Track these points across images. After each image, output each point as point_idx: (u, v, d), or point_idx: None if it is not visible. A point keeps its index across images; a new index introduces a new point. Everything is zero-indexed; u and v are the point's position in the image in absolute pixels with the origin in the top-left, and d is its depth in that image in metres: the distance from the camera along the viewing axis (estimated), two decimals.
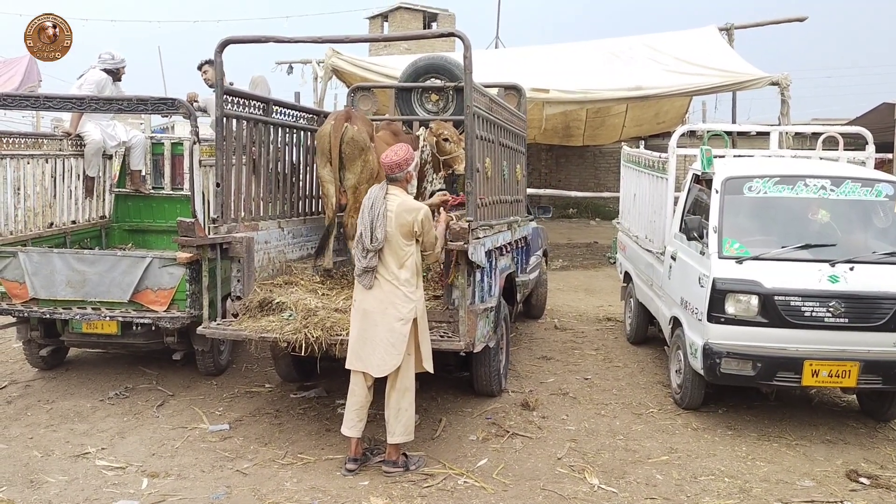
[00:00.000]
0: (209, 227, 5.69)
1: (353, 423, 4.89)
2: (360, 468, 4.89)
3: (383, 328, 4.70)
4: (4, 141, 6.65)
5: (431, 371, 4.94)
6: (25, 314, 6.25)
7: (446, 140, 6.49)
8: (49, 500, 4.47)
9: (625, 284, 9.03)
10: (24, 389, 6.50)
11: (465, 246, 4.93)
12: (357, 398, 4.89)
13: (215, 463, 5.03)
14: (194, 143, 6.02)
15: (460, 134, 6.90)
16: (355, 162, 6.01)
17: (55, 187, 7.26)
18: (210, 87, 7.93)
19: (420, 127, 7.23)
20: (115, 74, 7.71)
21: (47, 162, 7.14)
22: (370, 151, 6.04)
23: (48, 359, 6.89)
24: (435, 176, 6.77)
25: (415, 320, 4.76)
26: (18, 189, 6.75)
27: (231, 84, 5.73)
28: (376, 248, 4.70)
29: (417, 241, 4.80)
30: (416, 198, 7.02)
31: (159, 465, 4.98)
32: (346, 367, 4.90)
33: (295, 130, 6.84)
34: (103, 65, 7.73)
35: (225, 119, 5.59)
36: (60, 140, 7.47)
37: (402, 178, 4.88)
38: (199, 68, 8.23)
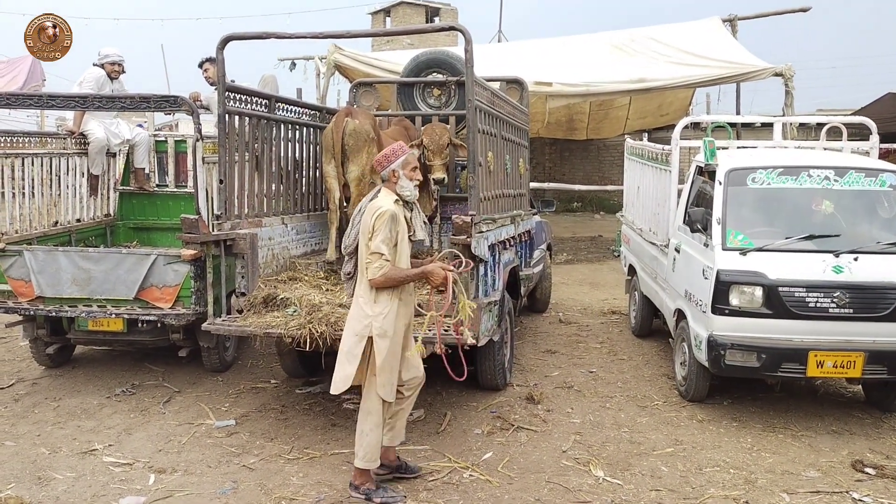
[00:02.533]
0: (213, 224, 5.70)
1: (386, 434, 4.62)
2: (391, 473, 4.68)
3: (345, 342, 4.41)
4: (9, 140, 6.68)
5: (387, 399, 4.39)
6: (32, 312, 6.28)
7: (425, 148, 6.50)
8: (57, 497, 4.50)
9: (629, 277, 9.02)
10: (31, 387, 6.54)
11: (469, 240, 4.93)
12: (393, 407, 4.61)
13: (222, 458, 5.05)
14: (197, 140, 6.04)
15: (462, 129, 6.91)
16: (359, 154, 6.05)
17: (60, 186, 7.28)
18: (211, 84, 7.92)
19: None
20: (106, 70, 7.70)
21: (52, 161, 7.17)
22: (373, 144, 6.08)
23: (55, 356, 6.92)
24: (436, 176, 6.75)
25: (372, 339, 4.30)
26: (24, 188, 6.77)
27: (232, 81, 5.73)
28: (345, 251, 4.55)
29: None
30: (424, 196, 7.02)
31: (166, 461, 5.00)
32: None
33: (297, 126, 6.85)
34: (97, 61, 7.76)
35: (227, 116, 5.61)
36: (64, 139, 7.50)
37: (387, 178, 4.43)
38: (200, 66, 8.23)
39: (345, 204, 6.36)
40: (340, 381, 4.37)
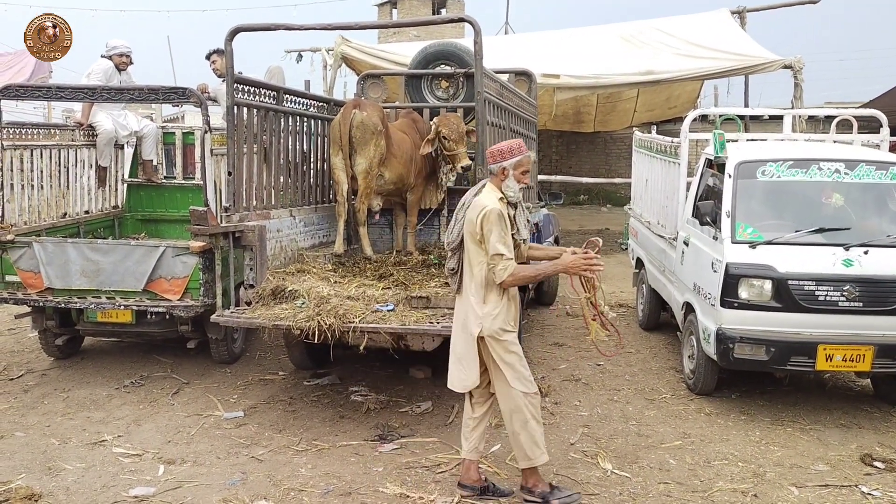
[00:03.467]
0: (221, 216, 5.71)
1: (463, 445, 4.48)
2: (477, 496, 4.38)
3: (459, 340, 4.32)
4: (18, 132, 6.69)
5: (528, 391, 4.24)
6: (41, 304, 6.30)
7: (445, 138, 6.45)
8: (67, 487, 4.52)
9: (637, 270, 9.00)
10: (41, 378, 6.57)
11: None
12: (465, 415, 4.49)
13: (230, 450, 5.07)
14: (206, 132, 6.04)
15: (470, 121, 6.88)
16: (366, 146, 6.03)
17: (68, 177, 7.30)
18: (219, 76, 7.92)
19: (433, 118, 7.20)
20: (114, 62, 7.71)
21: (60, 152, 7.18)
22: (380, 136, 6.06)
23: (64, 348, 6.95)
24: (447, 168, 6.74)
25: (485, 339, 4.20)
26: (32, 179, 6.78)
27: (239, 73, 5.73)
28: (449, 247, 4.37)
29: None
30: (432, 188, 7.00)
31: (175, 452, 5.02)
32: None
33: (305, 119, 6.84)
34: (104, 53, 7.77)
35: (236, 108, 5.60)
36: (72, 130, 7.51)
37: (496, 173, 4.27)
38: (208, 58, 8.21)
39: (352, 196, 6.35)
40: (460, 381, 4.28)
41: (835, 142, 7.27)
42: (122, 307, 6.20)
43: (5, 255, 6.25)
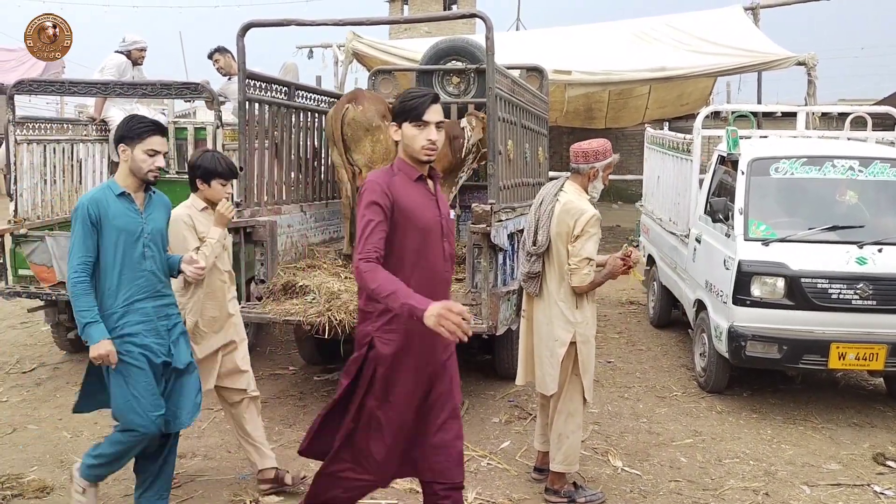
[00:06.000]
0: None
1: (538, 440, 4.61)
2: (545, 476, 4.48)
3: (545, 345, 4.23)
4: (31, 127, 6.71)
5: (590, 400, 4.38)
6: (53, 297, 6.34)
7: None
8: None
9: (648, 267, 8.97)
10: (53, 371, 6.61)
11: (488, 228, 4.91)
12: (543, 414, 4.53)
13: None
14: (217, 127, 6.05)
15: (482, 117, 6.85)
16: (361, 142, 5.94)
17: (81, 172, 7.33)
18: (224, 75, 7.89)
19: (465, 115, 7.10)
20: (130, 56, 7.72)
21: (73, 147, 7.21)
22: (379, 130, 5.93)
23: (76, 341, 6.96)
24: (474, 166, 6.65)
25: (576, 344, 4.16)
26: (45, 174, 6.81)
27: None
28: (537, 252, 4.18)
29: None
30: (445, 187, 6.96)
31: (186, 446, 5.03)
32: (517, 382, 4.61)
33: (317, 114, 6.84)
34: (119, 48, 7.78)
35: (247, 103, 5.61)
36: (85, 125, 7.53)
37: (585, 173, 4.19)
38: (210, 57, 8.13)
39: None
40: (551, 383, 4.23)
41: (849, 139, 7.22)
42: None
43: (18, 249, 6.29)
